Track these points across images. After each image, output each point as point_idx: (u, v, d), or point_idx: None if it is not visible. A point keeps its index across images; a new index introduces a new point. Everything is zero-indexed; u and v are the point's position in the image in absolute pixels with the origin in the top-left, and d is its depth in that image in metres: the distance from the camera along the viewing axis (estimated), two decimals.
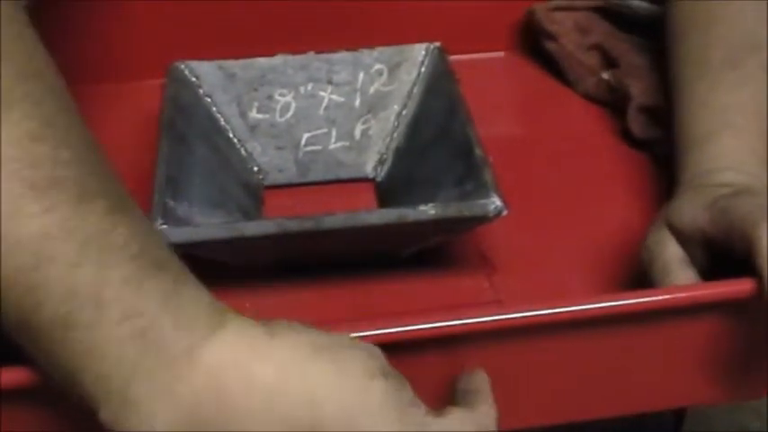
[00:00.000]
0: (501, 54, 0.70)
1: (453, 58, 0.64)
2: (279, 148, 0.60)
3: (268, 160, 0.60)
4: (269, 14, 0.65)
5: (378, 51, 0.60)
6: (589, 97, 0.66)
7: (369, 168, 0.60)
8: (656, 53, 0.61)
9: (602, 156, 0.62)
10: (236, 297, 0.52)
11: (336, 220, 0.49)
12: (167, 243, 0.37)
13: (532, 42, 0.69)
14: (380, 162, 0.60)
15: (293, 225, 0.49)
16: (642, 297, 0.42)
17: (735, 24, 0.54)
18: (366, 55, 0.60)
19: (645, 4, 0.63)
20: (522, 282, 0.54)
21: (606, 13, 0.66)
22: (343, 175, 0.60)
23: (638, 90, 0.62)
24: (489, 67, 0.70)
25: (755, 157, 0.50)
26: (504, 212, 0.50)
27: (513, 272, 0.55)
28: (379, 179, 0.60)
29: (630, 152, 0.62)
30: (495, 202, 0.49)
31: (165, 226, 0.48)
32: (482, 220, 0.50)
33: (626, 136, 0.63)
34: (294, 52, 0.60)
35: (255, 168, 0.59)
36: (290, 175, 0.60)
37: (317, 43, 0.61)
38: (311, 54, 0.60)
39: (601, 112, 0.65)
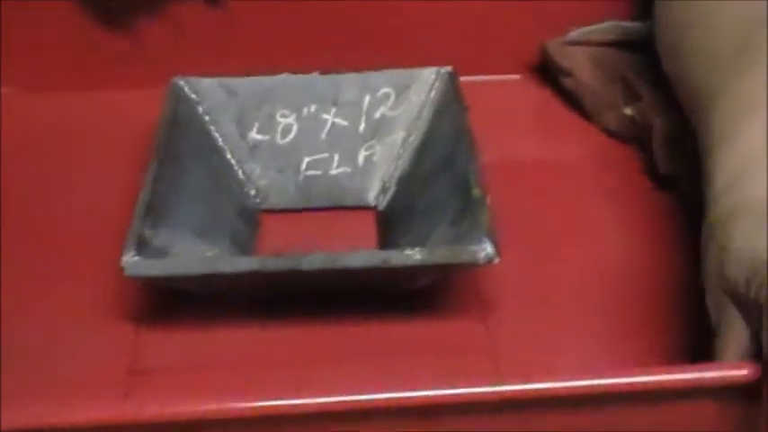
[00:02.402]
0: (518, 77, 0.67)
1: (471, 78, 0.61)
2: (279, 171, 0.57)
3: (267, 183, 0.57)
4: (273, 30, 0.63)
5: (386, 74, 0.58)
6: (610, 132, 0.62)
7: (371, 196, 0.57)
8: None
9: (619, 193, 0.58)
10: (219, 329, 0.51)
11: (316, 260, 0.46)
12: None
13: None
14: (383, 190, 0.57)
15: (271, 264, 0.46)
16: (633, 377, 0.39)
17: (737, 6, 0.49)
18: (373, 77, 0.58)
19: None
20: (518, 327, 0.51)
21: (623, 46, 0.62)
22: (344, 202, 0.57)
23: (664, 123, 0.58)
24: (508, 90, 0.67)
25: None
26: (496, 260, 0.46)
27: (510, 316, 0.51)
28: (380, 208, 0.57)
29: (652, 191, 0.58)
30: (486, 249, 0.46)
31: (136, 258, 0.46)
32: (472, 267, 0.47)
33: (650, 174, 0.59)
34: (299, 71, 0.58)
35: (253, 191, 0.57)
36: (289, 199, 0.57)
37: (324, 62, 0.59)
38: (316, 74, 0.58)
39: (622, 147, 0.61)
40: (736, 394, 0.38)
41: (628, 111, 0.61)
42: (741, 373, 0.37)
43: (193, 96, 0.57)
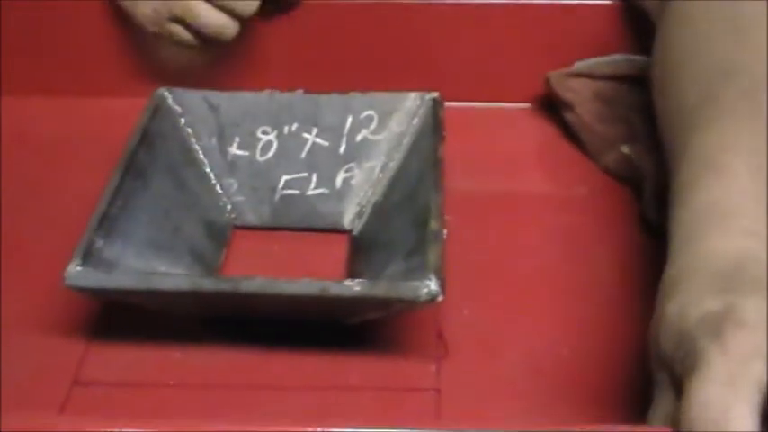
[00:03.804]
0: (528, 106, 0.65)
1: (479, 105, 0.60)
2: (255, 188, 0.56)
3: (242, 200, 0.56)
4: (260, 47, 0.62)
5: (369, 96, 0.56)
6: (610, 173, 0.59)
7: (346, 220, 0.56)
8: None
9: (606, 237, 0.55)
10: (167, 347, 0.50)
11: (254, 284, 0.45)
12: None
13: None
14: (359, 215, 0.56)
15: (208, 284, 0.45)
16: None
17: (706, 55, 0.47)
18: (357, 99, 0.56)
19: None
20: (470, 371, 0.49)
21: (630, 81, 0.59)
22: (319, 224, 0.56)
23: (656, 166, 0.55)
24: (515, 119, 0.64)
25: (760, 200, 0.41)
26: (440, 298, 0.45)
27: (467, 359, 0.49)
28: (354, 232, 0.56)
29: (643, 238, 0.55)
30: (429, 285, 0.44)
31: (79, 268, 0.46)
32: (413, 303, 0.45)
33: (640, 217, 0.56)
34: (283, 89, 0.57)
35: (228, 206, 0.56)
36: (264, 217, 0.56)
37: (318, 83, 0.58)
38: (299, 92, 0.57)
39: (618, 190, 0.58)
40: None
41: (625, 149, 0.58)
42: None
43: (177, 108, 0.57)
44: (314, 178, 0.57)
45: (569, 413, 0.45)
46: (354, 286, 0.45)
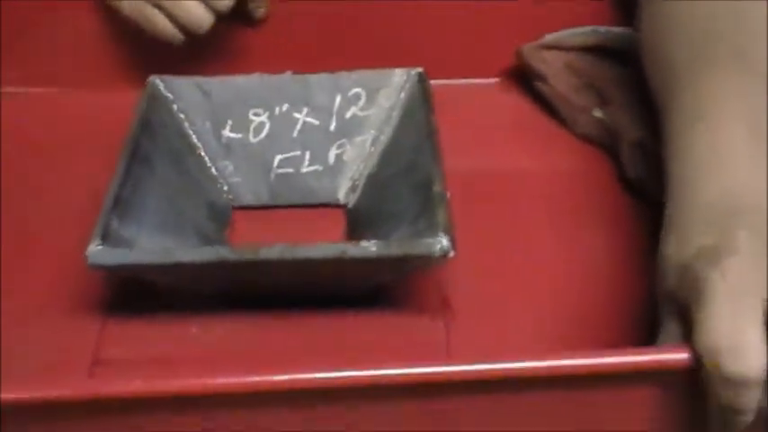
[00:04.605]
0: (496, 81, 0.68)
1: (448, 82, 0.62)
2: (250, 169, 0.58)
3: (239, 181, 0.58)
4: (247, 32, 0.64)
5: (356, 74, 0.58)
6: (585, 138, 0.63)
7: (341, 195, 0.58)
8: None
9: (589, 197, 0.59)
10: (184, 322, 0.52)
11: (274, 251, 0.47)
12: None
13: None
14: (353, 189, 0.58)
15: (229, 254, 0.47)
16: (576, 359, 0.39)
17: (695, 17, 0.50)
18: (344, 78, 0.58)
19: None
20: (479, 328, 0.51)
21: (598, 52, 0.63)
22: (315, 199, 0.58)
23: (631, 126, 0.59)
24: (485, 94, 0.67)
25: (749, 145, 0.45)
26: (452, 254, 0.47)
27: (472, 316, 0.52)
28: (350, 206, 0.58)
29: (623, 196, 0.58)
30: (441, 242, 0.47)
31: (100, 247, 0.47)
32: (428, 260, 0.47)
33: (622, 179, 0.60)
34: (272, 72, 0.59)
35: (225, 188, 0.58)
36: (261, 197, 0.58)
37: (304, 64, 0.60)
38: (288, 74, 0.59)
39: (595, 153, 0.62)
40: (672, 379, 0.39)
41: (597, 113, 0.61)
42: (679, 356, 0.38)
43: (169, 96, 0.58)
44: (307, 156, 0.59)
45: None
46: (371, 247, 0.47)
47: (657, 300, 0.43)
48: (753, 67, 0.47)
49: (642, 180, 0.58)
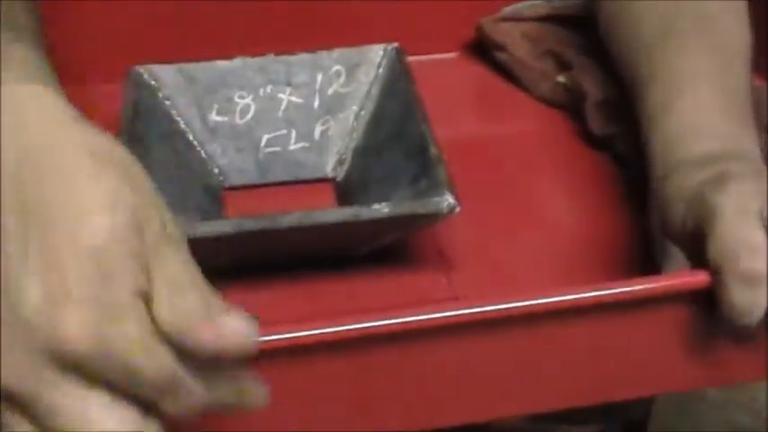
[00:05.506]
0: (455, 55, 0.71)
1: (411, 59, 0.65)
2: (239, 150, 0.60)
3: (228, 162, 0.60)
4: (228, 17, 0.66)
5: (336, 53, 0.61)
6: (546, 101, 0.66)
7: (328, 168, 0.60)
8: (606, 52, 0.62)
9: (559, 156, 0.63)
10: None
11: (292, 218, 0.49)
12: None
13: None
14: (340, 162, 0.60)
15: (249, 224, 0.49)
16: (598, 290, 0.42)
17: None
18: (324, 56, 0.61)
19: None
20: (479, 278, 0.55)
21: (552, 20, 0.67)
22: (303, 175, 0.61)
23: (594, 87, 0.63)
24: (445, 68, 0.70)
25: (724, 115, 0.50)
26: (457, 209, 0.50)
27: (471, 269, 0.55)
28: (338, 179, 0.60)
29: (589, 152, 0.63)
30: (447, 199, 0.50)
31: None
32: (435, 217, 0.50)
33: (586, 137, 0.64)
34: (253, 54, 0.61)
35: (216, 170, 0.60)
36: (251, 176, 0.60)
37: (277, 45, 0.62)
38: (270, 56, 0.61)
39: (559, 114, 0.66)
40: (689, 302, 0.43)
41: (560, 78, 0.65)
42: (697, 279, 0.42)
43: (153, 83, 0.60)
44: (293, 134, 0.61)
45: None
46: (383, 208, 0.50)
47: (658, 235, 0.48)
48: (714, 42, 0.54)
49: (609, 136, 0.62)
